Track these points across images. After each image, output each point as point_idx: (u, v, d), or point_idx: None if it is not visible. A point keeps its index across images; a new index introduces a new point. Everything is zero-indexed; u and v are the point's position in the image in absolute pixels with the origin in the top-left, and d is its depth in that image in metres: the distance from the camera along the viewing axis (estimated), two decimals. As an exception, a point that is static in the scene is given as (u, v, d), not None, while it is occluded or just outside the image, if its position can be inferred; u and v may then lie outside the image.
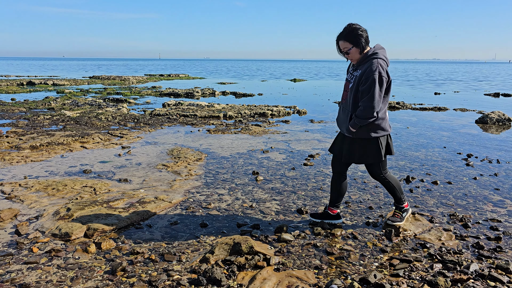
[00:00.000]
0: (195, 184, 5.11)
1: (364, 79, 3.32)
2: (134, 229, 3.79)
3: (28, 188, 4.82)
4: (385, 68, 3.35)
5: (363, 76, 3.33)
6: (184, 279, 2.91)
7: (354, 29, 3.38)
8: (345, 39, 3.41)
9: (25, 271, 3.01)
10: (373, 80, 3.26)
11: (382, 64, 3.33)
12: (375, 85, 3.26)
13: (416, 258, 3.23)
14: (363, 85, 3.33)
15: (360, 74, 3.37)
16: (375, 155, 3.54)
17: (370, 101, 3.29)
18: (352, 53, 3.43)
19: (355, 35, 3.37)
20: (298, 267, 3.11)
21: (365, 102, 3.32)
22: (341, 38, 3.43)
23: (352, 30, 3.38)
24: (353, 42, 3.39)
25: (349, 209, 4.35)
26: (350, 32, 3.38)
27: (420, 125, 10.32)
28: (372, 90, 3.28)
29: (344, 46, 3.43)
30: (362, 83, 3.34)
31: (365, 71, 3.32)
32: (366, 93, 3.31)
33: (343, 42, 3.43)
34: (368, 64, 3.35)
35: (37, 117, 10.42)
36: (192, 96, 17.97)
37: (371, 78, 3.27)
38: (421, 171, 5.84)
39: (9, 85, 22.56)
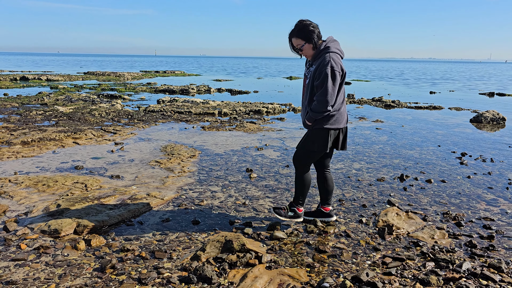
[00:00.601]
0: (188, 181, 5.07)
1: (318, 74, 3.34)
2: (125, 226, 3.74)
3: (18, 184, 4.76)
4: (338, 61, 3.35)
5: (316, 71, 3.36)
6: (174, 276, 2.87)
7: (305, 25, 3.40)
8: (297, 36, 3.43)
9: (12, 268, 2.96)
10: (325, 74, 3.28)
11: (335, 58, 3.34)
12: (328, 79, 3.28)
13: (409, 256, 3.21)
14: (317, 80, 3.36)
15: (314, 69, 3.40)
16: (321, 144, 3.52)
17: (324, 95, 3.31)
18: (305, 50, 3.46)
19: (307, 31, 3.38)
20: (290, 265, 3.07)
21: (318, 96, 3.35)
22: (293, 35, 3.45)
23: (303, 26, 3.40)
24: (305, 39, 3.40)
25: (342, 207, 4.33)
26: (302, 29, 3.40)
27: (415, 123, 10.32)
28: (325, 84, 3.30)
29: (297, 43, 3.45)
30: (316, 78, 3.37)
31: (318, 66, 3.35)
32: (320, 87, 3.34)
33: (296, 39, 3.45)
34: (321, 59, 3.37)
35: (29, 113, 10.31)
36: (188, 93, 17.89)
37: (323, 73, 3.29)
38: (415, 170, 5.83)
39: (2, 80, 22.34)
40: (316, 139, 3.52)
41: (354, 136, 8.35)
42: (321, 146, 3.52)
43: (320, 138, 3.51)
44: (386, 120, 10.80)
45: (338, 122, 3.50)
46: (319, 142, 3.52)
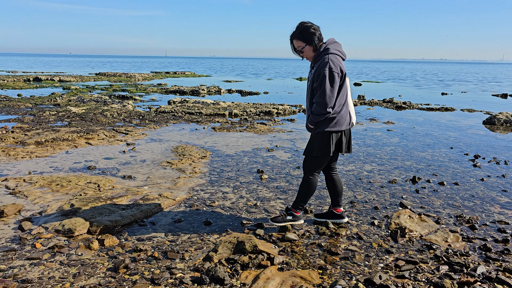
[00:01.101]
0: (199, 182, 5.09)
1: (317, 76, 3.34)
2: (138, 226, 3.77)
3: (32, 183, 4.82)
4: (337, 62, 3.33)
5: (316, 73, 3.36)
6: (187, 277, 2.88)
7: (306, 27, 3.40)
8: (298, 38, 3.43)
9: (28, 267, 3.00)
10: (323, 76, 3.27)
11: (333, 59, 3.32)
12: (325, 80, 3.27)
13: (422, 259, 3.18)
14: (316, 82, 3.36)
15: (314, 71, 3.39)
16: (323, 148, 3.49)
17: (322, 97, 3.30)
18: (306, 52, 3.46)
19: (308, 33, 3.38)
20: (302, 267, 3.07)
21: (317, 98, 3.34)
22: (294, 37, 3.45)
23: (304, 28, 3.40)
24: (306, 41, 3.40)
25: (354, 209, 4.31)
26: (303, 31, 3.40)
27: (427, 125, 10.24)
28: (323, 86, 3.29)
29: (298, 45, 3.45)
30: (315, 80, 3.37)
31: (317, 68, 3.35)
32: (319, 89, 3.33)
33: (297, 41, 3.45)
34: (320, 61, 3.37)
35: (42, 113, 10.44)
36: (198, 93, 17.96)
37: (322, 74, 3.28)
38: (428, 172, 5.78)
39: (15, 81, 22.67)
40: (319, 143, 3.49)
41: (365, 137, 8.31)
42: (324, 150, 3.49)
43: (322, 142, 3.48)
44: (397, 121, 10.73)
45: (339, 125, 3.46)
46: (322, 147, 3.49)
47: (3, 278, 2.84)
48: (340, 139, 3.55)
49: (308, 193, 3.69)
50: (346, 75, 3.45)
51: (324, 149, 3.49)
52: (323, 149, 3.49)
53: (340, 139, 3.55)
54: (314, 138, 3.52)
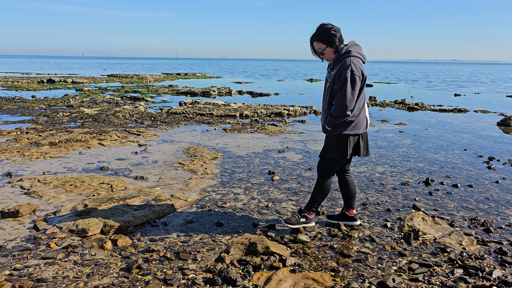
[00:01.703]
0: (211, 183, 5.10)
1: (338, 78, 3.32)
2: (150, 226, 3.79)
3: (47, 184, 4.88)
4: (359, 65, 3.32)
5: (336, 75, 3.34)
6: (199, 278, 2.89)
7: (327, 29, 3.38)
8: (319, 40, 3.41)
9: (43, 266, 3.03)
10: (345, 78, 3.26)
11: (355, 62, 3.31)
12: (347, 83, 3.26)
13: (436, 262, 3.14)
14: (336, 84, 3.33)
15: (335, 73, 3.37)
16: (340, 151, 3.48)
17: (342, 99, 3.28)
18: (327, 53, 3.44)
19: (328, 35, 3.37)
20: (315, 269, 3.06)
21: (337, 100, 3.32)
22: (315, 39, 3.44)
23: (324, 30, 3.38)
24: (326, 42, 3.39)
25: (366, 211, 4.28)
26: (323, 33, 3.38)
27: (440, 126, 10.13)
28: (344, 88, 3.27)
29: (319, 47, 3.44)
30: (336, 82, 3.35)
31: (338, 70, 3.33)
32: (339, 92, 3.31)
33: (317, 43, 3.43)
34: (342, 63, 3.35)
35: (56, 114, 10.58)
36: (209, 95, 18.02)
37: (343, 77, 3.27)
38: (441, 174, 5.72)
39: (30, 82, 23.00)
40: (336, 146, 3.48)
41: (377, 139, 8.25)
42: (341, 153, 3.49)
43: (339, 145, 3.47)
44: (410, 123, 10.64)
45: (357, 128, 3.46)
46: (339, 149, 3.48)
47: (18, 277, 2.87)
48: (358, 143, 3.54)
49: (323, 195, 3.68)
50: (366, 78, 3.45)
51: (341, 152, 3.48)
52: (340, 151, 3.48)
53: (358, 142, 3.54)
54: (332, 141, 3.51)
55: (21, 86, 20.47)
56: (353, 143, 3.50)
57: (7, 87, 20.10)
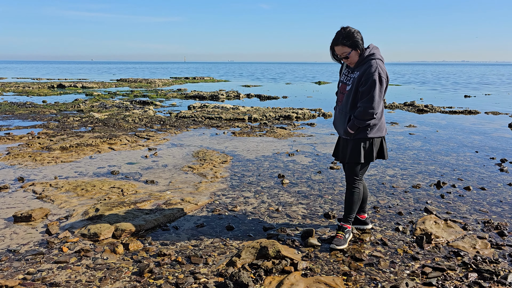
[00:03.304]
0: (221, 187, 5.11)
1: (364, 80, 3.26)
2: (161, 230, 3.80)
3: (58, 188, 4.92)
4: (384, 68, 3.30)
5: (362, 77, 3.28)
6: (210, 282, 2.89)
7: (350, 32, 3.31)
8: (344, 44, 3.32)
9: (56, 270, 3.06)
10: (373, 81, 3.21)
11: (381, 65, 3.28)
12: (375, 86, 3.21)
13: (450, 266, 3.11)
14: (363, 86, 3.27)
15: (359, 75, 3.31)
16: (367, 155, 3.45)
17: (370, 102, 3.23)
18: (352, 57, 3.36)
19: (354, 38, 3.30)
20: (326, 273, 3.04)
21: (364, 103, 3.26)
22: (338, 44, 3.35)
23: (348, 33, 3.31)
24: (351, 46, 3.32)
25: (377, 214, 4.25)
26: (348, 36, 3.31)
27: (450, 128, 10.04)
28: (372, 91, 3.22)
29: (343, 51, 3.35)
30: (362, 84, 3.29)
31: (364, 73, 3.27)
32: (366, 94, 3.26)
33: (342, 47, 3.34)
34: (366, 65, 3.29)
35: (67, 119, 10.68)
36: (217, 98, 18.07)
37: (371, 79, 3.21)
38: (452, 176, 5.66)
39: (40, 87, 23.26)
40: (362, 150, 3.43)
41: (386, 141, 8.20)
42: (368, 156, 3.45)
43: (365, 148, 3.43)
44: (419, 125, 10.56)
45: (381, 130, 3.44)
46: (366, 153, 3.44)
47: (32, 281, 2.90)
48: (381, 145, 3.53)
49: (358, 203, 3.59)
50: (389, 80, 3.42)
51: (368, 156, 3.45)
52: (367, 155, 3.45)
53: (381, 145, 3.53)
54: (357, 144, 3.42)
55: (32, 91, 20.71)
56: (378, 145, 3.48)
57: (18, 92, 20.34)
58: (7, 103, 14.86)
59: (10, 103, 14.86)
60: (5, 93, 19.81)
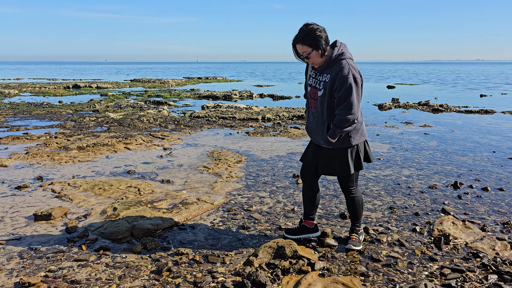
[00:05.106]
0: (236, 186, 5.13)
1: (339, 85, 3.01)
2: (178, 230, 3.84)
3: (77, 187, 5.00)
4: (356, 68, 3.07)
5: (335, 81, 3.03)
6: (228, 281, 2.91)
7: (311, 30, 3.01)
8: (303, 43, 3.03)
9: (76, 268, 3.11)
10: (349, 85, 2.97)
11: (353, 65, 3.05)
12: (352, 90, 2.98)
13: (469, 268, 3.08)
14: (338, 92, 3.02)
15: (331, 79, 3.06)
16: (356, 164, 3.28)
17: (349, 108, 3.00)
18: (313, 57, 3.07)
19: (314, 37, 3.00)
20: (344, 273, 3.04)
21: (343, 110, 3.03)
22: (298, 42, 3.05)
23: (309, 31, 3.01)
24: (312, 45, 3.02)
25: (394, 214, 4.22)
26: (308, 34, 3.01)
27: (466, 128, 9.91)
28: (349, 96, 2.99)
29: (303, 50, 3.06)
30: (336, 90, 3.04)
31: (336, 76, 3.02)
32: (344, 100, 3.02)
33: (302, 46, 3.05)
34: (337, 67, 3.05)
35: (83, 119, 10.83)
36: (230, 98, 18.13)
37: (346, 83, 2.97)
38: (470, 177, 5.59)
39: (56, 88, 23.62)
40: (350, 160, 3.24)
41: (401, 141, 8.14)
42: (357, 164, 3.29)
43: (352, 157, 3.25)
44: (435, 124, 10.45)
45: (363, 135, 3.27)
46: (356, 162, 3.28)
47: (53, 278, 2.95)
48: (365, 149, 3.35)
49: (362, 207, 3.50)
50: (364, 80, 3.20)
51: (357, 164, 3.29)
52: (356, 164, 3.29)
53: (365, 148, 3.35)
54: (344, 156, 3.23)
55: (48, 91, 21.04)
56: (363, 150, 3.32)
57: (35, 93, 20.69)
58: (24, 103, 15.13)
59: (27, 103, 15.12)
60: (22, 94, 20.17)
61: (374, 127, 9.98)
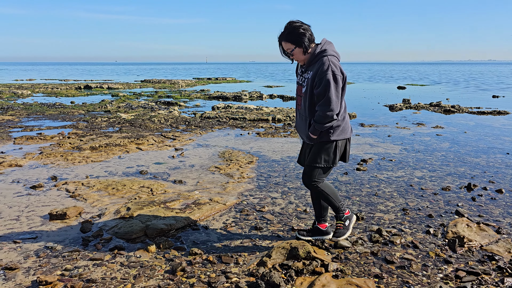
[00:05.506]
0: (248, 187, 5.14)
1: (318, 81, 3.05)
2: (191, 230, 3.86)
3: (90, 187, 5.06)
4: (338, 64, 3.07)
5: (315, 77, 3.07)
6: (242, 282, 2.92)
7: (295, 27, 3.09)
8: (286, 40, 3.13)
9: (91, 267, 3.15)
10: (327, 81, 2.99)
11: (334, 61, 3.06)
12: (330, 86, 3.00)
13: (484, 270, 3.05)
14: (317, 88, 3.06)
15: (312, 75, 3.10)
16: (329, 158, 3.24)
17: (328, 104, 3.02)
18: (296, 54, 3.16)
19: (297, 35, 3.08)
20: (357, 275, 3.03)
21: (322, 106, 3.05)
22: (282, 39, 3.15)
23: (293, 29, 3.10)
24: (295, 42, 3.10)
25: (407, 216, 4.20)
26: (291, 32, 3.10)
27: (479, 129, 9.81)
28: (327, 92, 3.01)
29: (287, 47, 3.15)
30: (316, 86, 3.08)
31: (317, 72, 3.06)
32: (322, 96, 3.05)
33: (285, 43, 3.15)
34: (318, 63, 3.08)
35: (95, 119, 10.93)
36: (240, 99, 18.16)
37: (324, 79, 3.00)
38: (483, 179, 5.54)
39: (68, 89, 23.87)
40: (324, 153, 3.23)
41: (413, 142, 8.08)
42: (330, 160, 3.24)
43: (328, 152, 3.23)
44: (447, 126, 10.36)
45: (345, 132, 3.23)
46: (328, 157, 3.24)
47: (69, 277, 2.99)
48: (345, 148, 3.32)
49: (333, 194, 3.40)
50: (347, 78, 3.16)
51: (330, 160, 3.25)
52: (329, 159, 3.24)
53: (345, 147, 3.32)
54: (320, 147, 3.24)
55: (60, 92, 21.28)
56: (342, 148, 3.28)
57: (47, 93, 20.94)
58: (37, 103, 15.32)
59: (40, 103, 15.31)
60: (35, 94, 20.43)
61: (385, 128, 9.93)
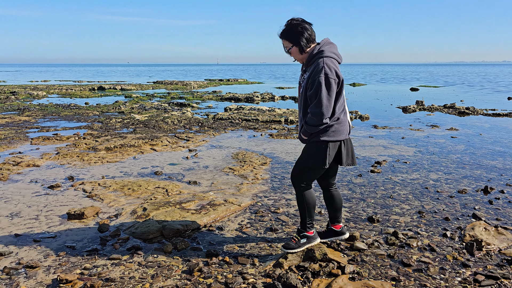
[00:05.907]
0: (262, 188, 5.16)
1: (311, 83, 2.97)
2: (207, 231, 3.88)
3: (107, 187, 5.12)
4: (333, 67, 2.96)
5: (309, 79, 3.00)
6: (259, 283, 2.94)
7: (294, 25, 3.02)
8: (285, 37, 3.07)
9: (110, 266, 3.19)
10: (318, 83, 2.90)
11: (329, 63, 2.95)
12: (321, 88, 2.90)
13: (504, 275, 3.02)
14: (310, 90, 2.99)
15: (308, 76, 3.03)
16: (318, 159, 3.10)
17: (318, 107, 2.93)
18: (293, 53, 3.11)
19: (294, 33, 3.01)
20: (374, 278, 3.02)
21: (312, 108, 2.97)
22: (282, 36, 3.10)
23: (291, 27, 3.02)
24: (292, 41, 3.04)
25: (423, 219, 4.17)
26: (289, 30, 3.04)
27: (494, 131, 9.68)
28: (319, 94, 2.91)
29: (285, 45, 3.11)
30: (309, 88, 3.01)
31: (311, 74, 2.98)
32: (314, 98, 2.96)
33: (283, 40, 3.11)
34: (314, 65, 2.99)
35: (109, 120, 11.06)
36: (252, 100, 18.19)
37: (316, 81, 2.91)
38: (500, 181, 5.47)
39: (82, 90, 24.17)
40: (313, 153, 3.12)
41: (428, 144, 8.02)
42: (318, 161, 3.10)
43: (317, 152, 3.11)
44: (461, 128, 10.25)
45: (338, 134, 3.08)
46: (316, 157, 3.11)
47: (89, 276, 3.04)
48: (339, 150, 3.17)
49: (308, 207, 3.30)
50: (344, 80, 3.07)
51: (319, 160, 3.10)
52: (317, 159, 3.11)
53: (339, 150, 3.16)
54: (310, 147, 3.16)
55: (74, 93, 21.56)
56: (333, 150, 3.12)
57: (62, 94, 21.24)
58: (52, 104, 15.56)
59: (55, 104, 15.54)
60: (50, 95, 20.74)
61: (398, 130, 9.86)
